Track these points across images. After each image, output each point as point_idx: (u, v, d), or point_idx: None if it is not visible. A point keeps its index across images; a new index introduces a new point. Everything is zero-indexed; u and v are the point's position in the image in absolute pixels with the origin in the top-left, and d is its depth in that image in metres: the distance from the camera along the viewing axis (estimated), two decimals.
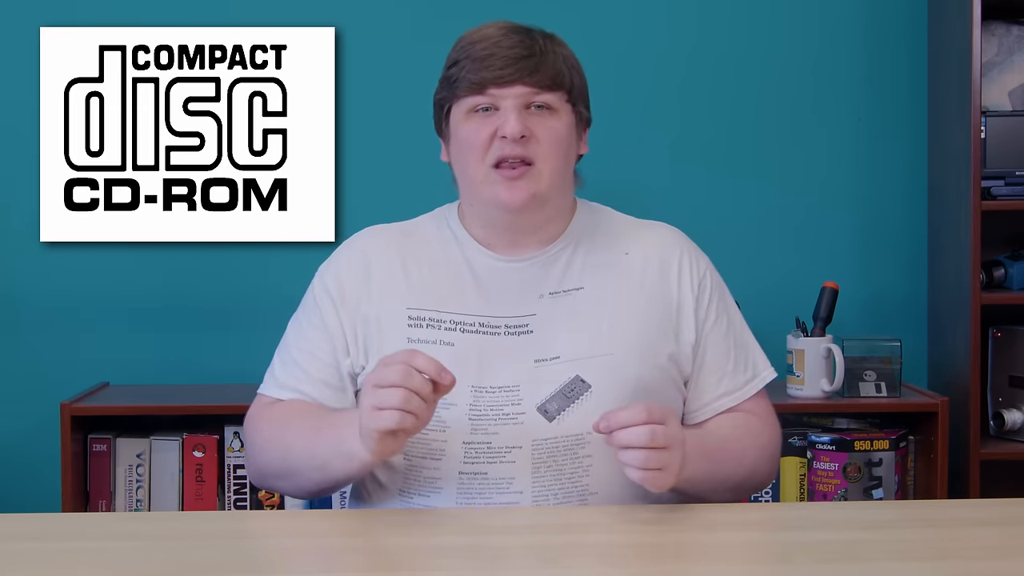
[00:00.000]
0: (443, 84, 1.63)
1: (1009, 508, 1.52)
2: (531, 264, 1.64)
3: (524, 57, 1.57)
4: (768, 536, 1.41)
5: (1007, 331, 2.63)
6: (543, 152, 1.58)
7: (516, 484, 1.54)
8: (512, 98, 1.57)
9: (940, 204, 2.72)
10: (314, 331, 1.64)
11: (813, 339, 2.55)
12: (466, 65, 1.58)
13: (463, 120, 1.60)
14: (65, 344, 2.74)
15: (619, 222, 1.72)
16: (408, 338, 1.59)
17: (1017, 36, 2.76)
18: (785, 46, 2.79)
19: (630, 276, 1.64)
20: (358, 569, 1.32)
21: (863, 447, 2.48)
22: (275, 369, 1.67)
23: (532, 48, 1.58)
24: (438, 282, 1.63)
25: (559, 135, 1.59)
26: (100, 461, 2.52)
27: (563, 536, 1.40)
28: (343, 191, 2.72)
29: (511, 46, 1.57)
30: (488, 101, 1.58)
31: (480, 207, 1.64)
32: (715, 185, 2.79)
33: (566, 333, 1.60)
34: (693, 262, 1.68)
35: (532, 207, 1.59)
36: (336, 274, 1.66)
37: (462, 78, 1.58)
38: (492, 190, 1.58)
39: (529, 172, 1.57)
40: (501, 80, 1.56)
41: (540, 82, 1.57)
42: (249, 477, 1.67)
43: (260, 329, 2.70)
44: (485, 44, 1.58)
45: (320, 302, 1.65)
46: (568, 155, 1.62)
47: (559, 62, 1.60)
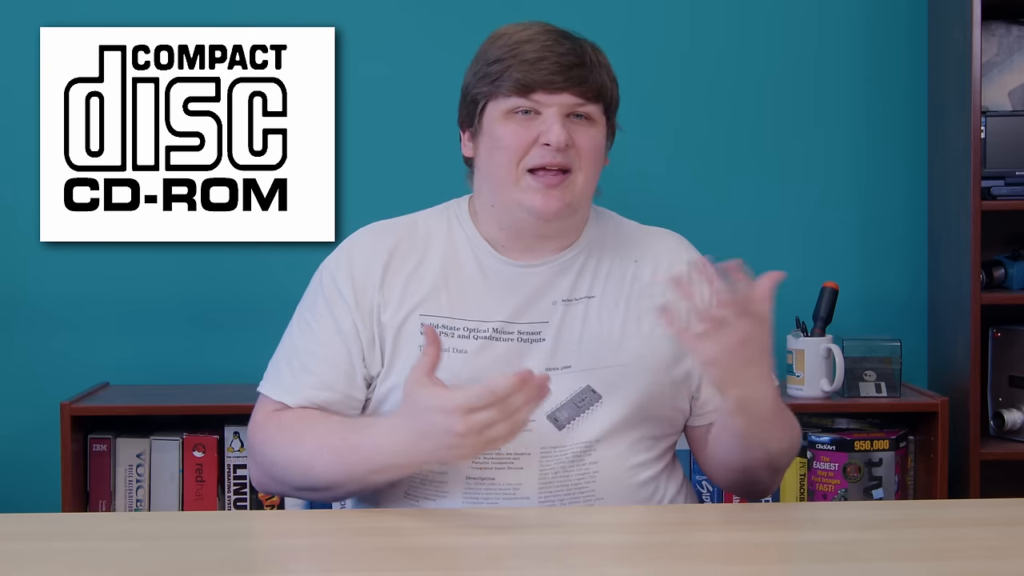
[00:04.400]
0: (482, 79, 1.59)
1: (1009, 508, 1.52)
2: (545, 270, 1.62)
3: (576, 66, 1.56)
4: (768, 536, 1.41)
5: (1007, 331, 2.63)
6: (581, 162, 1.57)
7: (523, 490, 1.54)
8: (558, 106, 1.55)
9: (940, 204, 2.72)
10: (327, 334, 1.60)
11: (813, 339, 2.55)
12: (513, 64, 1.56)
13: (501, 119, 1.57)
14: (65, 344, 2.73)
15: (627, 229, 1.71)
16: (420, 345, 1.57)
17: (1017, 36, 2.76)
18: (785, 46, 2.79)
19: (639, 286, 1.64)
20: (359, 569, 1.31)
21: (863, 447, 2.48)
22: (281, 372, 1.62)
23: (583, 58, 1.57)
24: (451, 287, 1.61)
25: (597, 145, 1.59)
26: (100, 461, 2.52)
27: (565, 536, 1.40)
28: (343, 191, 2.72)
29: (563, 53, 1.56)
30: (531, 105, 1.56)
31: (504, 209, 1.61)
32: (715, 185, 2.79)
33: (578, 342, 1.59)
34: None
35: (564, 215, 1.58)
36: (349, 275, 1.62)
37: (508, 76, 1.56)
38: (525, 195, 1.56)
39: (566, 181, 1.56)
40: (551, 86, 1.55)
41: (587, 93, 1.56)
42: (253, 482, 1.63)
43: (260, 329, 2.70)
44: (535, 46, 1.56)
45: (332, 304, 1.61)
46: (600, 166, 1.62)
47: (604, 74, 1.60)
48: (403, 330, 1.59)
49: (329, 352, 1.60)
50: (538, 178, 1.56)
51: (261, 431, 1.60)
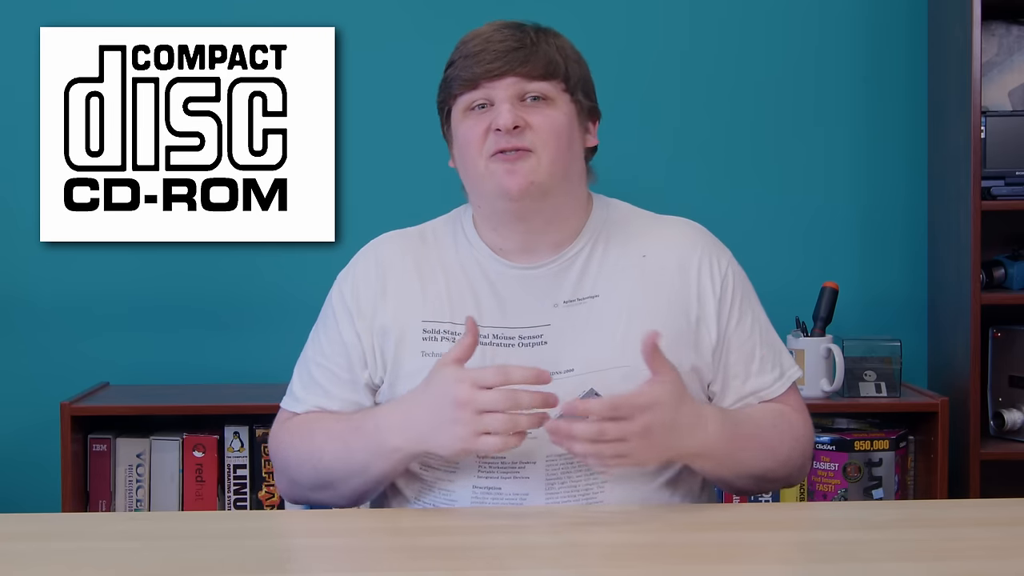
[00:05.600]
0: (441, 87, 1.62)
1: (1009, 508, 1.52)
2: (545, 271, 1.61)
3: (514, 49, 1.56)
4: (768, 536, 1.41)
5: (1007, 331, 2.63)
6: (540, 140, 1.55)
7: (529, 499, 1.53)
8: (504, 90, 1.55)
9: (940, 204, 2.72)
10: (331, 345, 1.63)
11: (813, 339, 2.55)
12: (459, 63, 1.58)
13: (461, 119, 1.58)
14: (65, 344, 2.74)
15: (636, 220, 1.68)
16: (423, 351, 1.57)
17: (1017, 36, 2.76)
18: (785, 46, 2.79)
19: (647, 281, 1.61)
20: (361, 569, 1.31)
21: (863, 447, 2.48)
22: (294, 384, 1.66)
23: (523, 40, 1.57)
24: (453, 292, 1.60)
25: (556, 123, 1.57)
26: (100, 461, 2.52)
27: (566, 536, 1.40)
28: (343, 191, 2.72)
29: (502, 39, 1.57)
30: (483, 96, 1.56)
31: (485, 203, 1.61)
32: (715, 185, 2.79)
33: (580, 345, 1.57)
34: (714, 260, 1.64)
35: (533, 194, 1.56)
36: (353, 284, 1.64)
37: (456, 76, 1.58)
38: (492, 180, 1.56)
39: (527, 158, 1.55)
40: (491, 73, 1.55)
41: (531, 72, 1.56)
42: (282, 494, 1.67)
43: (260, 329, 2.71)
44: (476, 41, 1.58)
45: (337, 314, 1.64)
46: (570, 145, 1.59)
47: (552, 52, 1.58)
48: (405, 337, 1.59)
49: (332, 362, 1.62)
50: (497, 161, 1.55)
51: (275, 438, 1.65)
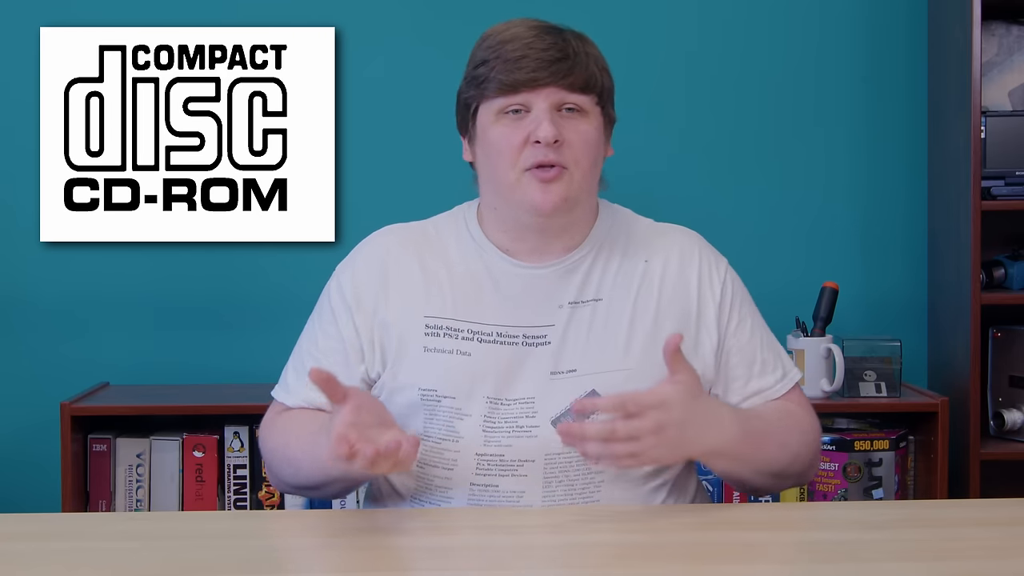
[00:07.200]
0: (470, 83, 1.59)
1: (1009, 508, 1.52)
2: (552, 272, 1.61)
3: (558, 60, 1.54)
4: (768, 536, 1.41)
5: (1007, 331, 2.63)
6: (573, 157, 1.55)
7: (527, 498, 1.53)
8: (544, 99, 1.54)
9: (940, 204, 2.72)
10: (327, 338, 1.62)
11: (813, 339, 2.55)
12: (496, 65, 1.55)
13: (492, 122, 1.56)
14: (65, 344, 2.74)
15: (639, 228, 1.69)
16: (424, 347, 1.57)
17: (1017, 36, 2.76)
18: (785, 46, 2.79)
19: (649, 287, 1.62)
20: (360, 569, 1.31)
21: (863, 447, 2.48)
22: (287, 373, 1.65)
23: (566, 50, 1.55)
24: (456, 288, 1.60)
25: (590, 138, 1.57)
26: (100, 461, 2.52)
27: (566, 536, 1.40)
28: (343, 191, 2.72)
29: (545, 48, 1.54)
30: (520, 102, 1.54)
31: (508, 210, 1.60)
32: (715, 185, 2.79)
33: (583, 346, 1.57)
34: (712, 267, 1.65)
35: (563, 210, 1.56)
36: (353, 277, 1.63)
37: (492, 78, 1.55)
38: (525, 193, 1.55)
39: (562, 175, 1.55)
40: (535, 83, 1.53)
41: (573, 85, 1.55)
42: (269, 480, 1.67)
43: (260, 329, 2.71)
44: (517, 45, 1.55)
45: (335, 307, 1.63)
46: (597, 158, 1.60)
47: (591, 64, 1.57)
48: (407, 331, 1.59)
49: (326, 356, 1.61)
50: (533, 176, 1.55)
51: (264, 431, 1.65)
